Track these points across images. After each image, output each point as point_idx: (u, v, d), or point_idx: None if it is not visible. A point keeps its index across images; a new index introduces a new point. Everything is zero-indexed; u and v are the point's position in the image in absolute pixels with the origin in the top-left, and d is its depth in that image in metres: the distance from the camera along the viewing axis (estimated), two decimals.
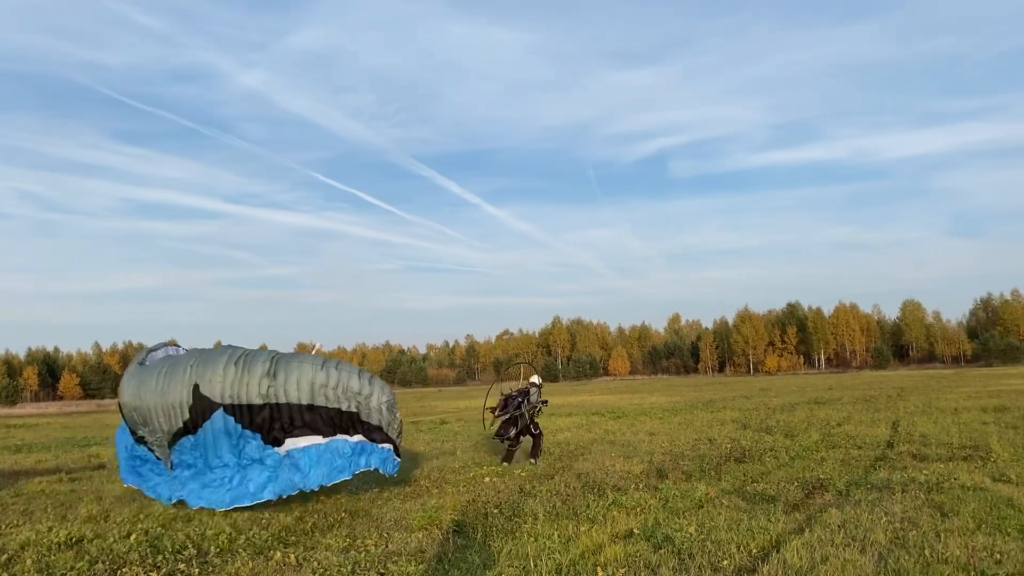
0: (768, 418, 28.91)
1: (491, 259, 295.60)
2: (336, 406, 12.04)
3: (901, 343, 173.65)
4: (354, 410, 12.20)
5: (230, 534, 10.73)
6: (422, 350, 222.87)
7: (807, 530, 9.79)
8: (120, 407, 12.80)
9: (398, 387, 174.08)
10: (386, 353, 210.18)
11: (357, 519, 11.83)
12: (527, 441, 18.40)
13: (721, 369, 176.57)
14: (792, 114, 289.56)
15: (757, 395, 52.09)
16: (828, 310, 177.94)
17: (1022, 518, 10.12)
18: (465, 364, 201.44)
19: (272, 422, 11.90)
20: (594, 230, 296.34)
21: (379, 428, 12.45)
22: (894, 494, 12.08)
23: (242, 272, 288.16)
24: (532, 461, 17.58)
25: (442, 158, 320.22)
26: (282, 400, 11.80)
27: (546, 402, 18.78)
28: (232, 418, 11.73)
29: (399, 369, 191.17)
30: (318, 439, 12.05)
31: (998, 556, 8.40)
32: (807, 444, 19.60)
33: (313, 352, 13.52)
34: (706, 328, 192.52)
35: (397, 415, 12.88)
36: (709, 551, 9.02)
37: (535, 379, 18.65)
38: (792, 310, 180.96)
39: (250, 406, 11.77)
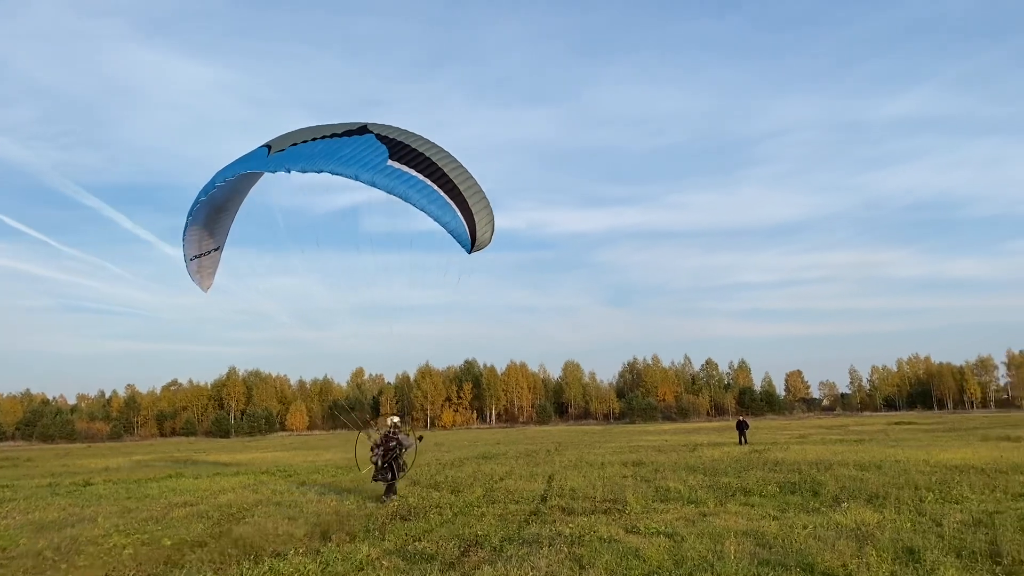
0: (437, 474, 29.57)
1: (162, 302, 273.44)
2: (447, 173, 14.84)
3: (562, 400, 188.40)
4: (454, 184, 14.81)
5: None
6: (71, 400, 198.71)
7: None
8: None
9: (38, 442, 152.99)
10: (24, 403, 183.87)
11: None
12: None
13: None
14: (480, 183, 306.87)
15: (431, 450, 53.25)
16: (501, 368, 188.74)
17: (646, 567, 11.28)
18: (123, 417, 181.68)
19: (403, 151, 14.67)
20: (281, 278, 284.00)
21: (464, 196, 14.80)
22: (542, 548, 12.86)
23: None
24: (385, 497, 20.22)
25: (114, 189, 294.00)
26: (415, 148, 14.84)
27: (421, 438, 22.20)
28: (379, 140, 14.79)
29: (40, 421, 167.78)
30: (424, 179, 14.44)
31: None
32: (470, 500, 20.32)
33: None
34: (388, 382, 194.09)
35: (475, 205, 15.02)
36: None
37: (394, 419, 20.71)
38: (469, 367, 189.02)
39: (394, 140, 14.89)
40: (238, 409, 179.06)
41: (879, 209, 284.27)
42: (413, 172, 14.30)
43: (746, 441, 46.99)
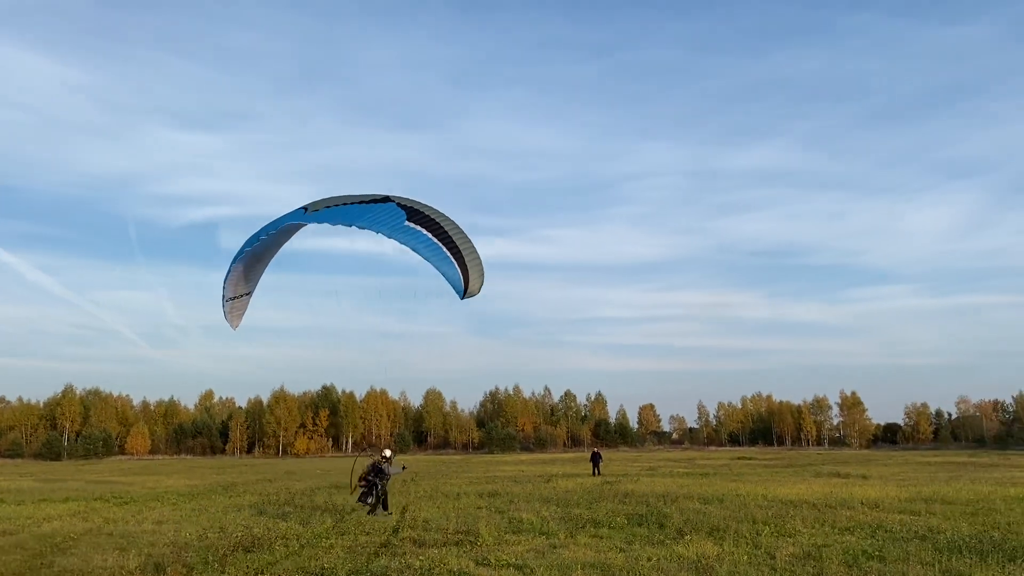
0: (287, 503, 28.59)
1: None
2: (451, 236, 18.00)
3: (422, 429, 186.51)
4: (455, 245, 18.02)
5: None
6: None
7: None
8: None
9: None
10: None
11: None
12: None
13: (250, 450, 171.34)
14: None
15: (281, 478, 51.51)
16: (360, 394, 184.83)
17: None
18: None
19: (418, 216, 17.65)
20: (128, 292, 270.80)
21: (461, 254, 18.13)
22: None
23: None
24: (369, 511, 22.37)
25: None
26: (428, 215, 17.77)
27: (404, 467, 25.12)
28: (399, 207, 17.69)
29: None
30: (431, 236, 17.59)
31: None
32: (319, 531, 19.71)
33: None
34: (239, 407, 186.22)
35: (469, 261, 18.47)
36: None
37: (387, 453, 22.95)
38: (327, 393, 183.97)
39: (410, 207, 17.80)
40: (73, 430, 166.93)
41: (730, 253, 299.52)
42: (425, 232, 17.57)
43: (599, 473, 48.01)
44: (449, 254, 17.98)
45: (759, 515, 21.83)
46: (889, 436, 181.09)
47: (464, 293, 18.64)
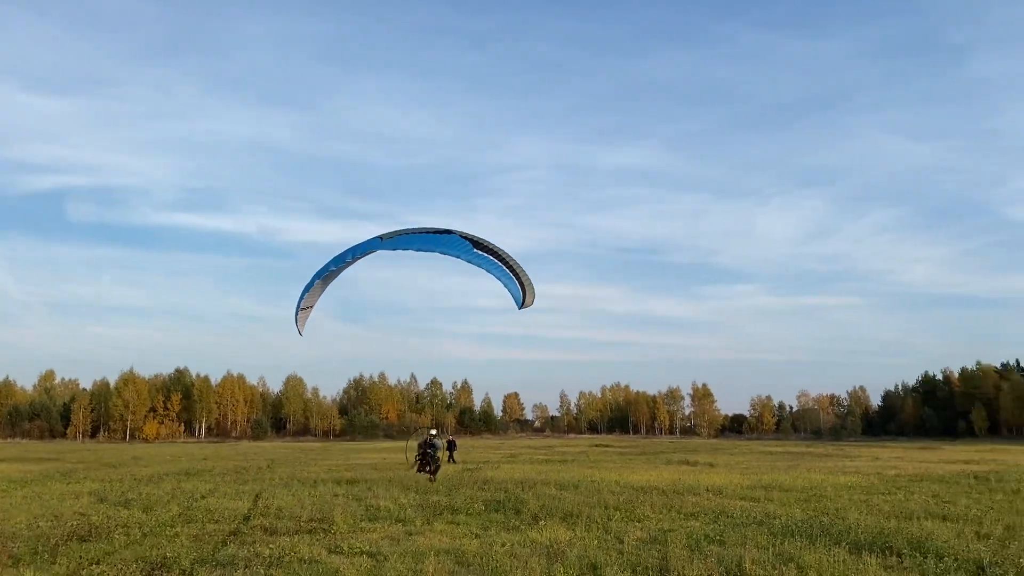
0: (131, 490, 27.19)
1: None
2: (508, 260, 21.78)
3: (281, 415, 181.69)
4: (514, 269, 22.02)
5: None
6: None
7: None
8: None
9: None
10: None
11: None
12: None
13: (94, 435, 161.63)
14: (205, 180, 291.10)
15: (127, 464, 48.98)
16: (216, 378, 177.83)
17: None
18: None
19: (481, 246, 21.14)
20: None
21: (519, 276, 22.14)
22: (237, 571, 12.19)
23: None
24: (431, 478, 28.78)
25: None
26: (488, 246, 21.16)
27: (452, 441, 33.25)
28: (462, 238, 20.82)
29: None
30: (497, 261, 21.69)
31: None
32: (164, 519, 18.83)
33: None
34: (84, 389, 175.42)
35: (525, 281, 22.49)
36: None
37: (432, 431, 29.40)
38: (180, 376, 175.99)
39: (472, 238, 20.88)
40: None
41: (597, 248, 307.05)
42: (491, 257, 21.65)
43: (454, 460, 48.02)
44: (512, 275, 22.48)
45: (611, 501, 22.54)
46: (736, 426, 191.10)
47: (522, 305, 23.52)
